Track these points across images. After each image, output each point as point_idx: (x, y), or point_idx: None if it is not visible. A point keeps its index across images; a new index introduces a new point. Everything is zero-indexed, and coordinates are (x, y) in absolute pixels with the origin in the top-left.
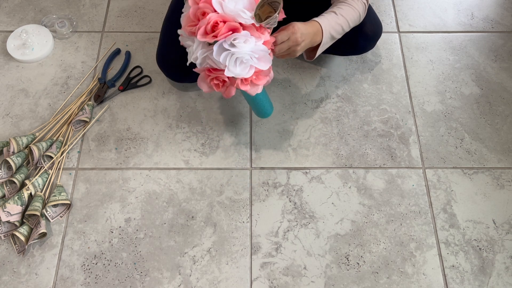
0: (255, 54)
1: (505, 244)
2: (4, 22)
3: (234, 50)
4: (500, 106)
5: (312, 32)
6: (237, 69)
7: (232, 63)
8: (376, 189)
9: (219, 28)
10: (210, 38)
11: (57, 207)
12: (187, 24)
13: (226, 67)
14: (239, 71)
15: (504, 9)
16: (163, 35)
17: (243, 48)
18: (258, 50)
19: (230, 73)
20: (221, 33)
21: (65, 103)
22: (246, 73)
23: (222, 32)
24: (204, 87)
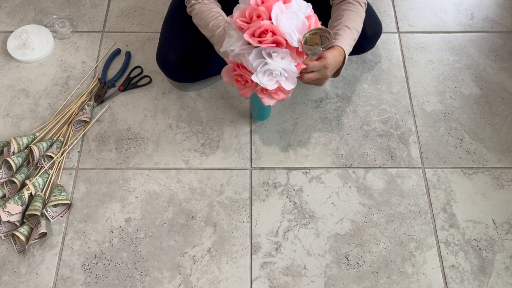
0: (285, 73)
1: (504, 244)
2: (5, 22)
3: (269, 61)
4: (500, 106)
5: (339, 60)
6: (264, 79)
7: (262, 72)
8: (376, 189)
9: (266, 37)
10: (255, 42)
11: (57, 207)
12: (239, 17)
13: (255, 72)
14: (265, 81)
15: (504, 9)
16: (163, 35)
17: (278, 63)
18: (290, 70)
19: (256, 79)
20: (266, 42)
21: (66, 103)
22: (270, 85)
23: (268, 42)
24: (226, 77)
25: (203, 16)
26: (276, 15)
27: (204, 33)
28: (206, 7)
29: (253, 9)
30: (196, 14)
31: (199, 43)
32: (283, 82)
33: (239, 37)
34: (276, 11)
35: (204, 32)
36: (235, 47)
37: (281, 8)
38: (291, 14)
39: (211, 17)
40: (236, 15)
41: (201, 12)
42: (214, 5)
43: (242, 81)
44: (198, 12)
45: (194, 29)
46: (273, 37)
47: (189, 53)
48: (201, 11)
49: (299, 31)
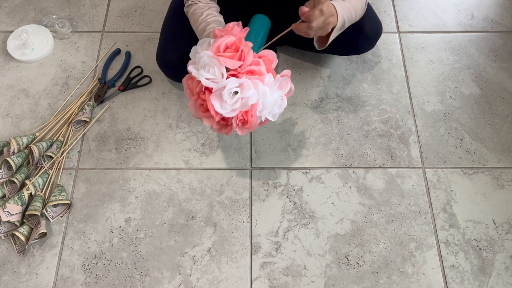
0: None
1: (505, 244)
2: (4, 22)
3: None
4: (500, 106)
5: (333, 10)
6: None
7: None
8: (376, 189)
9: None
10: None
11: (57, 207)
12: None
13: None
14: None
15: (504, 9)
16: (163, 35)
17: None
18: None
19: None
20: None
21: (65, 103)
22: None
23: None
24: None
25: (194, 18)
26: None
27: (196, 34)
28: (200, 9)
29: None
30: (190, 15)
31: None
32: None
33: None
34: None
35: (196, 33)
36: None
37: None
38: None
39: (201, 20)
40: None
41: (194, 14)
42: (208, 7)
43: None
44: (192, 14)
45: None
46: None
47: (189, 53)
48: (194, 13)
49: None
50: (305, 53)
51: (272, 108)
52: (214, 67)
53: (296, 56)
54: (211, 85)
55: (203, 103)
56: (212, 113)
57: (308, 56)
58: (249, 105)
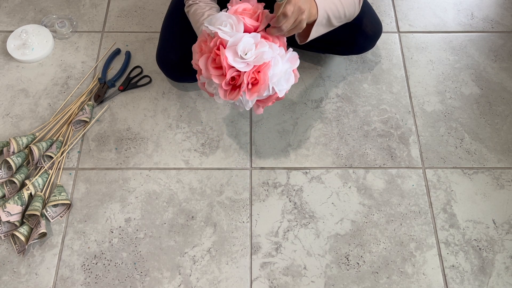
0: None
1: (505, 244)
2: (4, 22)
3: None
4: (500, 106)
5: (304, 6)
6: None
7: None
8: (376, 189)
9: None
10: (239, 92)
11: (57, 207)
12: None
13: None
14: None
15: (504, 9)
16: (163, 35)
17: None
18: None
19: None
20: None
21: (65, 103)
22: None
23: (244, 87)
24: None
25: (195, 18)
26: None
27: (197, 34)
28: (201, 9)
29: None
30: (191, 15)
31: None
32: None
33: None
34: (225, 58)
35: (197, 33)
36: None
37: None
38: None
39: (203, 20)
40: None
41: (195, 15)
42: (209, 7)
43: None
44: (192, 14)
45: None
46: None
47: (189, 53)
48: (195, 13)
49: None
50: (305, 53)
51: (282, 78)
52: (231, 21)
53: None
54: (227, 38)
55: (216, 57)
56: (225, 66)
57: (308, 56)
58: (263, 59)
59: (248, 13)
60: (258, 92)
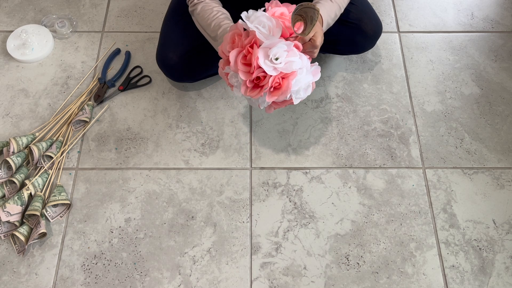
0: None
1: (505, 244)
2: (4, 22)
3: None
4: (500, 106)
5: (321, 29)
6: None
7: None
8: (376, 189)
9: (264, 82)
10: (260, 92)
11: (57, 207)
12: (236, 59)
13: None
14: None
15: (504, 9)
16: (163, 35)
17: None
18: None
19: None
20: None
21: (65, 103)
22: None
23: (267, 87)
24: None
25: (205, 16)
26: (263, 61)
27: (207, 32)
28: (208, 6)
29: (239, 53)
30: (198, 13)
31: (199, 43)
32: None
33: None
34: (261, 58)
35: (206, 32)
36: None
37: (266, 52)
38: (270, 44)
39: (213, 16)
40: (232, 58)
41: (203, 12)
42: (215, 4)
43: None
44: (200, 11)
45: (194, 29)
46: (271, 78)
47: (189, 53)
48: (203, 11)
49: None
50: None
51: (302, 87)
52: (270, 24)
53: None
54: (263, 39)
55: (247, 54)
56: (254, 66)
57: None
58: (291, 69)
59: (285, 19)
60: (278, 96)
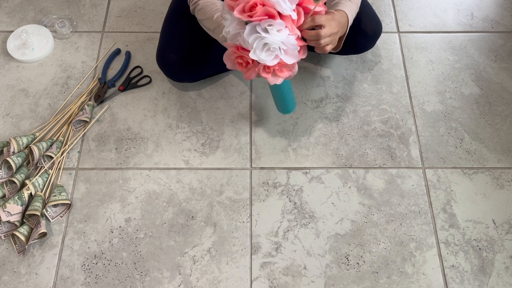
0: (284, 46)
1: (505, 244)
2: (4, 22)
3: (264, 35)
4: (500, 106)
5: (344, 21)
6: (262, 54)
7: (260, 47)
8: (376, 189)
9: (256, 10)
10: (245, 17)
11: (57, 207)
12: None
13: (252, 49)
14: (264, 57)
15: (504, 9)
16: (163, 35)
17: (275, 36)
18: (288, 43)
19: (254, 56)
20: (257, 15)
21: (65, 103)
22: (270, 60)
23: (258, 15)
24: (228, 63)
25: (207, 10)
26: None
27: (208, 26)
28: (210, 1)
29: None
30: (200, 9)
31: (199, 43)
32: (283, 56)
33: (232, 18)
34: None
35: (208, 26)
36: (230, 29)
37: None
38: None
39: (216, 10)
40: None
41: (205, 7)
42: (217, 0)
43: (244, 63)
44: (202, 7)
45: (194, 29)
46: (263, 8)
47: (189, 53)
48: (205, 5)
49: (290, 1)
50: None
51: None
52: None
53: None
54: None
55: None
56: None
57: (308, 56)
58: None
59: None
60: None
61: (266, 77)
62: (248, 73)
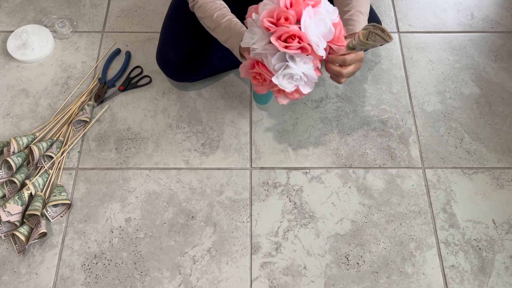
0: (305, 77)
1: (504, 244)
2: (5, 22)
3: (291, 65)
4: (500, 106)
5: (363, 56)
6: (284, 81)
7: (283, 74)
8: (376, 189)
9: (293, 43)
10: (282, 46)
11: (57, 207)
12: (266, 17)
13: (276, 74)
14: (285, 84)
15: (504, 9)
16: (163, 35)
17: (300, 67)
18: (310, 75)
19: (276, 81)
20: (292, 48)
21: (66, 103)
22: (289, 88)
23: (294, 48)
24: (243, 72)
25: (206, 8)
26: (305, 21)
27: (208, 24)
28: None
29: (282, 12)
30: (199, 6)
31: (199, 42)
32: (302, 86)
33: (263, 36)
34: (305, 17)
35: (208, 24)
36: (258, 46)
37: (310, 14)
38: (319, 21)
39: (215, 8)
40: (263, 14)
41: (205, 4)
42: None
43: (261, 80)
44: (201, 4)
45: (194, 29)
46: (300, 43)
47: (189, 53)
48: (204, 3)
49: (324, 38)
50: None
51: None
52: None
53: None
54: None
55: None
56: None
57: None
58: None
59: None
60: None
61: (277, 96)
62: (260, 88)
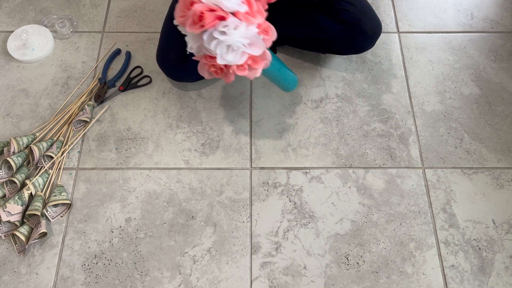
0: (246, 40)
1: (504, 244)
2: (5, 22)
3: (222, 38)
4: (500, 106)
5: None
6: (229, 57)
7: (224, 51)
8: (375, 189)
9: (205, 18)
10: (198, 28)
11: (57, 207)
12: (178, 15)
13: (218, 55)
14: (231, 58)
15: (504, 9)
16: (163, 35)
17: (233, 35)
18: (249, 35)
19: (222, 61)
20: (208, 22)
21: (66, 103)
22: (238, 59)
23: (209, 21)
24: (205, 74)
25: None
26: None
27: None
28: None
29: (184, 1)
30: None
31: None
32: (249, 50)
33: (192, 34)
34: None
35: None
36: (192, 43)
37: None
38: None
39: None
40: (175, 15)
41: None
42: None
43: (218, 70)
44: None
45: None
46: (210, 14)
47: (189, 53)
48: None
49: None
50: (305, 53)
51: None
52: None
53: (296, 56)
54: None
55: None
56: None
57: (308, 56)
58: None
59: None
60: None
61: (244, 74)
62: (226, 77)
